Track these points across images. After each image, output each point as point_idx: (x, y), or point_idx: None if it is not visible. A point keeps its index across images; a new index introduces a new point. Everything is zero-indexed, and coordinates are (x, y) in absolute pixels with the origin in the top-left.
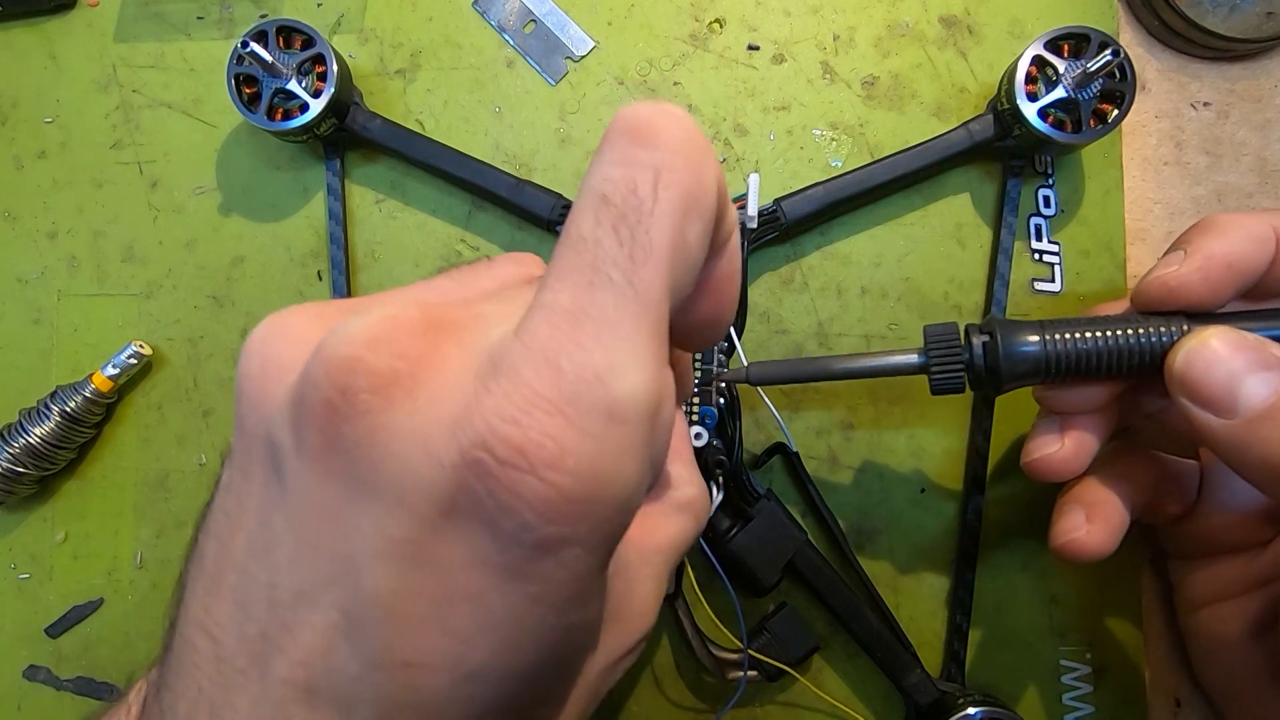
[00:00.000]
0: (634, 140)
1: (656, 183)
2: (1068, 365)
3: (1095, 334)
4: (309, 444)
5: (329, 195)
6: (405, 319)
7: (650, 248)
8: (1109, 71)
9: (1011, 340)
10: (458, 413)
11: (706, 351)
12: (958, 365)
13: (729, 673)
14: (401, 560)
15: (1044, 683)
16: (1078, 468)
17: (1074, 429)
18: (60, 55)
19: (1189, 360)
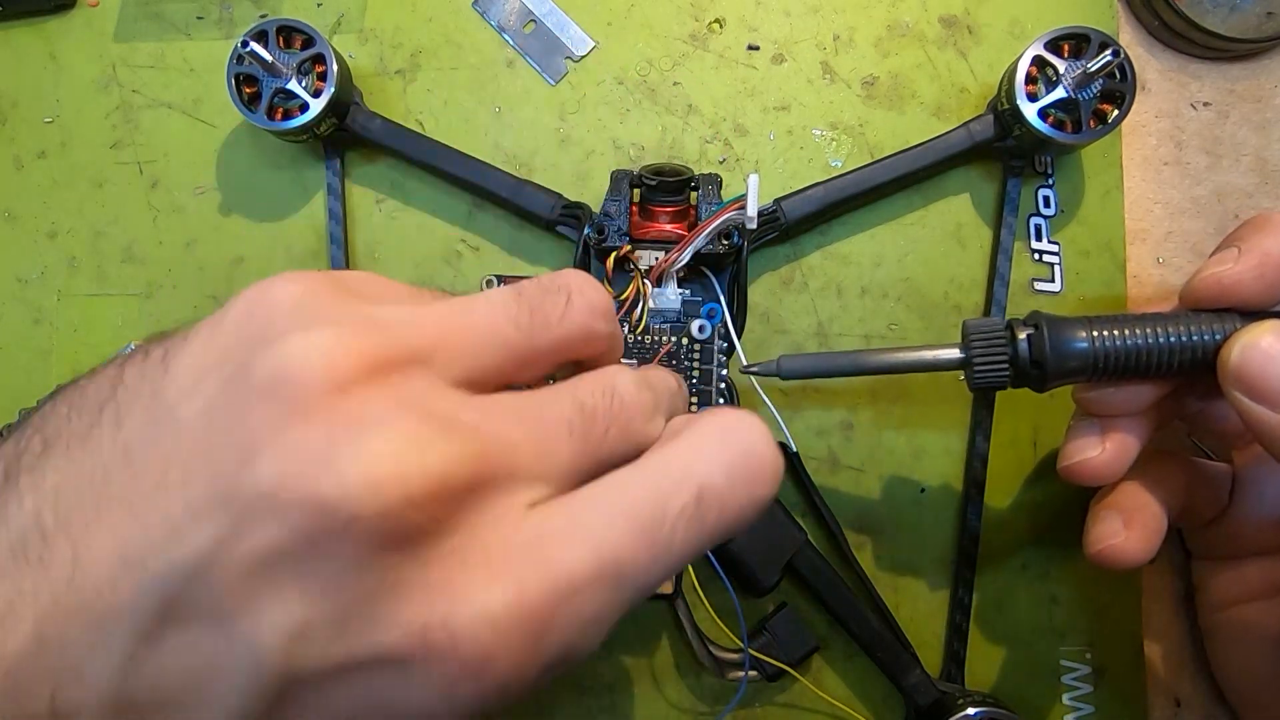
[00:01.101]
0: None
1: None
2: (1117, 363)
3: (1146, 330)
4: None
5: (329, 195)
6: (455, 471)
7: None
8: (1109, 72)
9: (1060, 335)
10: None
11: (706, 350)
12: (1001, 361)
13: (729, 673)
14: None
15: (1044, 683)
16: (1118, 471)
17: (1115, 432)
18: (60, 55)
19: (1246, 353)
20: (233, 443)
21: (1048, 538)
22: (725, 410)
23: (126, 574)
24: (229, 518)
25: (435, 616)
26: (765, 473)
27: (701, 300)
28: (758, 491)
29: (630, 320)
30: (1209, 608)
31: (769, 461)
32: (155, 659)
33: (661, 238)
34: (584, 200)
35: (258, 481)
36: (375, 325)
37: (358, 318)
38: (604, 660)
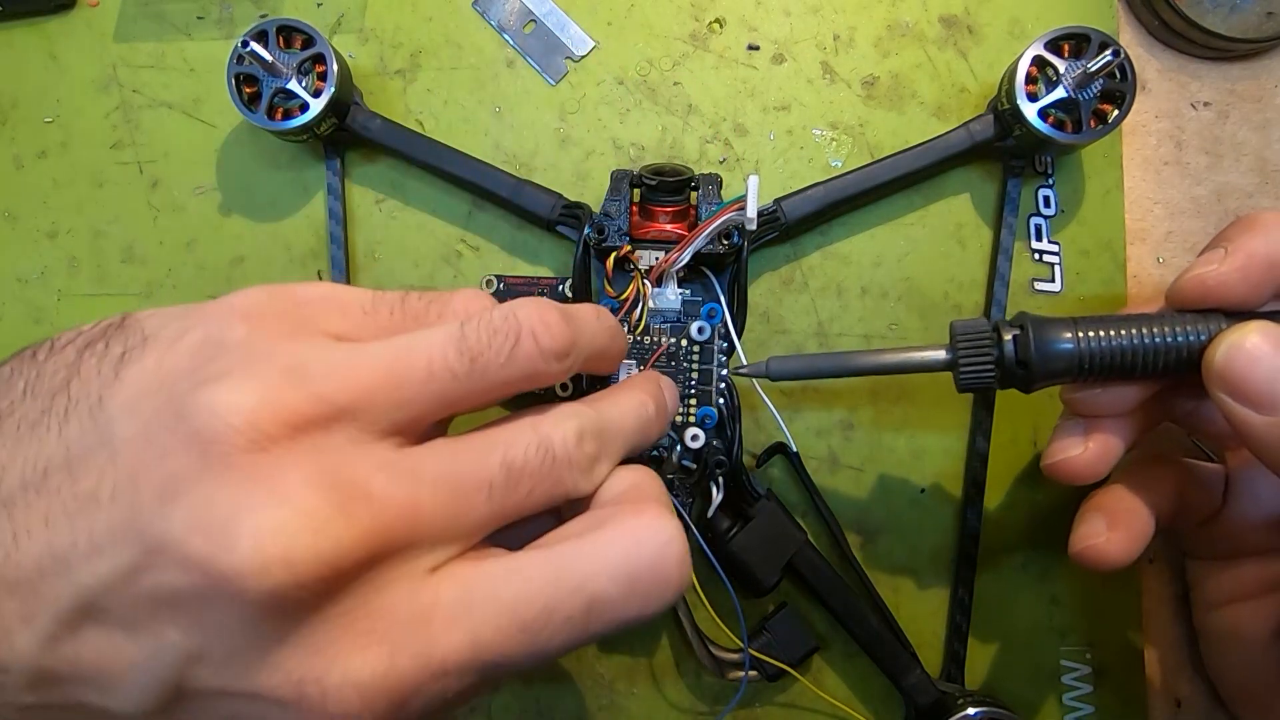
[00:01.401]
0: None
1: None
2: (1102, 363)
3: (1131, 331)
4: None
5: (329, 195)
6: (347, 552)
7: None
8: (1109, 72)
9: (1045, 336)
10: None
11: (706, 351)
12: (987, 362)
13: (729, 673)
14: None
15: (1044, 683)
16: (1101, 471)
17: (1099, 432)
18: (60, 55)
19: (1230, 355)
20: (156, 478)
21: (1048, 538)
22: (646, 510)
23: (54, 570)
24: (141, 551)
25: (311, 673)
26: (665, 591)
27: (701, 300)
28: (650, 607)
29: (630, 320)
30: (1203, 607)
31: (672, 579)
32: (73, 644)
33: (661, 238)
34: (584, 200)
35: (169, 528)
36: (307, 378)
37: (294, 366)
38: (604, 660)
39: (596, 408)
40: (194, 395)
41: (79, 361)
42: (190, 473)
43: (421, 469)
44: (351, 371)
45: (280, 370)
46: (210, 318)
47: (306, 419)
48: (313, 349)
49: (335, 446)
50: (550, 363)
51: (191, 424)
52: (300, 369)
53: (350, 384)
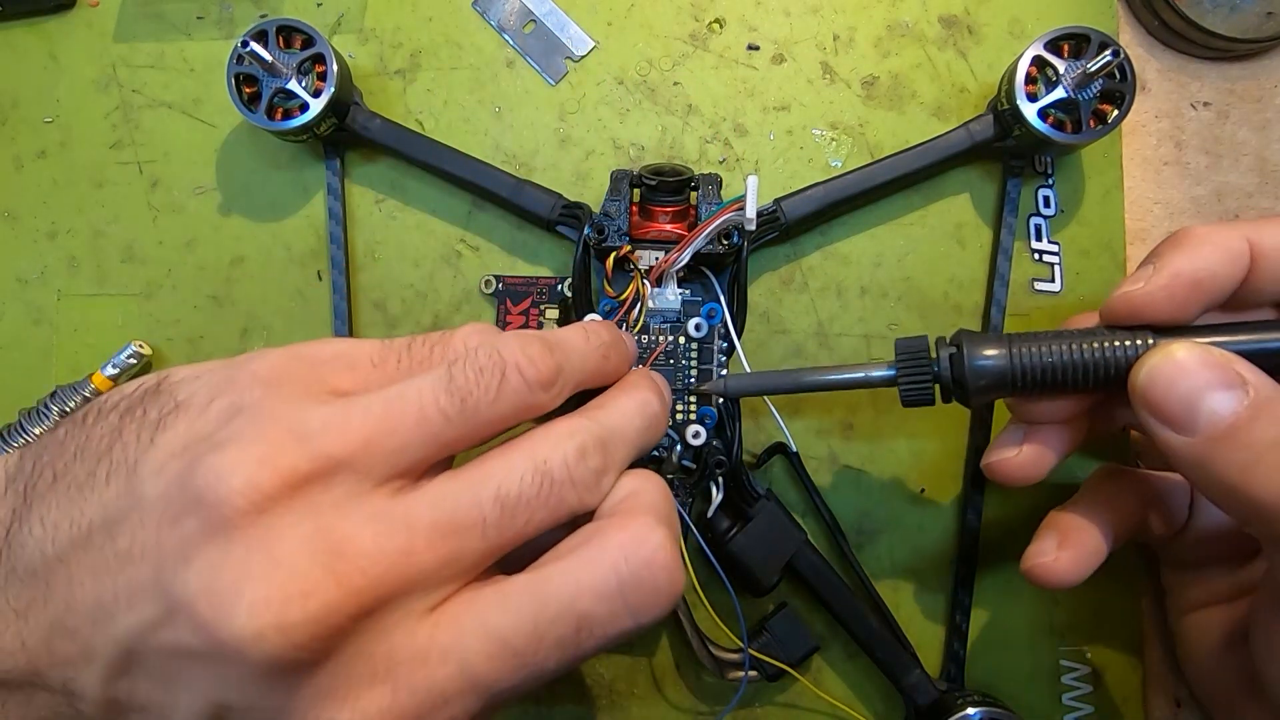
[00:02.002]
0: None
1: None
2: (1033, 378)
3: (1060, 347)
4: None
5: (329, 195)
6: (339, 610)
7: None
8: (1109, 72)
9: (976, 353)
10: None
11: (705, 350)
12: (926, 378)
13: (729, 673)
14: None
15: (1044, 683)
16: (1034, 475)
17: (1035, 438)
18: (60, 55)
19: (1151, 376)
20: (174, 539)
21: None
22: (632, 522)
23: (101, 618)
24: (164, 609)
25: (324, 714)
26: (657, 601)
27: (701, 300)
28: (643, 618)
29: (629, 320)
30: (1175, 611)
31: (662, 589)
32: (126, 683)
33: (661, 238)
34: (584, 200)
35: (185, 589)
36: (306, 436)
37: (295, 426)
38: (604, 660)
39: (596, 418)
40: (203, 460)
41: (120, 426)
42: (200, 535)
43: (415, 516)
44: (347, 425)
45: (282, 431)
46: (234, 383)
47: (304, 476)
48: (316, 407)
49: (332, 502)
50: (538, 393)
51: (199, 487)
52: (301, 428)
53: (346, 437)
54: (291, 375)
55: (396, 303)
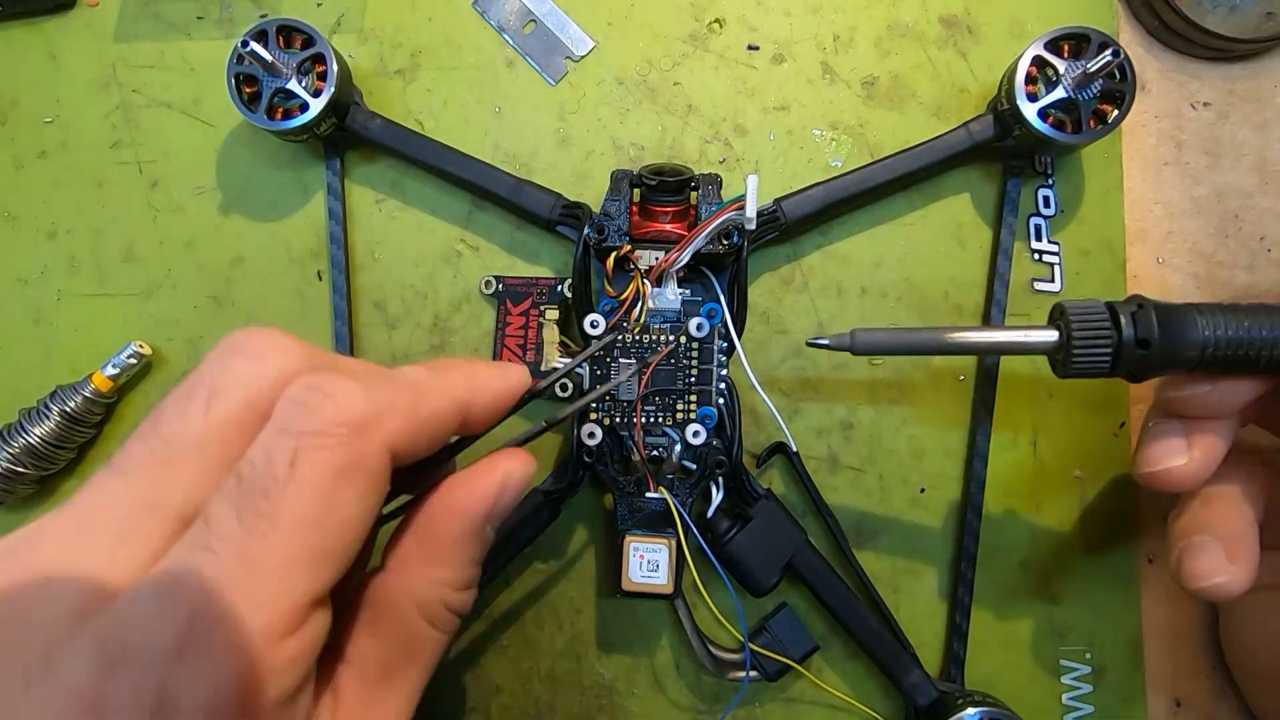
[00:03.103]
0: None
1: (296, 458)
2: (1228, 354)
3: (1259, 320)
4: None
5: (329, 195)
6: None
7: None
8: (1109, 72)
9: (1172, 321)
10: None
11: (705, 351)
12: (1105, 349)
13: (729, 673)
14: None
15: (1044, 683)
16: (1202, 480)
17: (1202, 435)
18: (60, 55)
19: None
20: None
21: (1048, 538)
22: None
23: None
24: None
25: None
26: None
27: (701, 300)
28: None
29: (630, 320)
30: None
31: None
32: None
33: (661, 238)
34: (584, 200)
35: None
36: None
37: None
38: (604, 660)
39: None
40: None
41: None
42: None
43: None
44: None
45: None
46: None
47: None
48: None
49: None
50: (253, 413)
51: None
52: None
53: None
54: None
55: (396, 303)
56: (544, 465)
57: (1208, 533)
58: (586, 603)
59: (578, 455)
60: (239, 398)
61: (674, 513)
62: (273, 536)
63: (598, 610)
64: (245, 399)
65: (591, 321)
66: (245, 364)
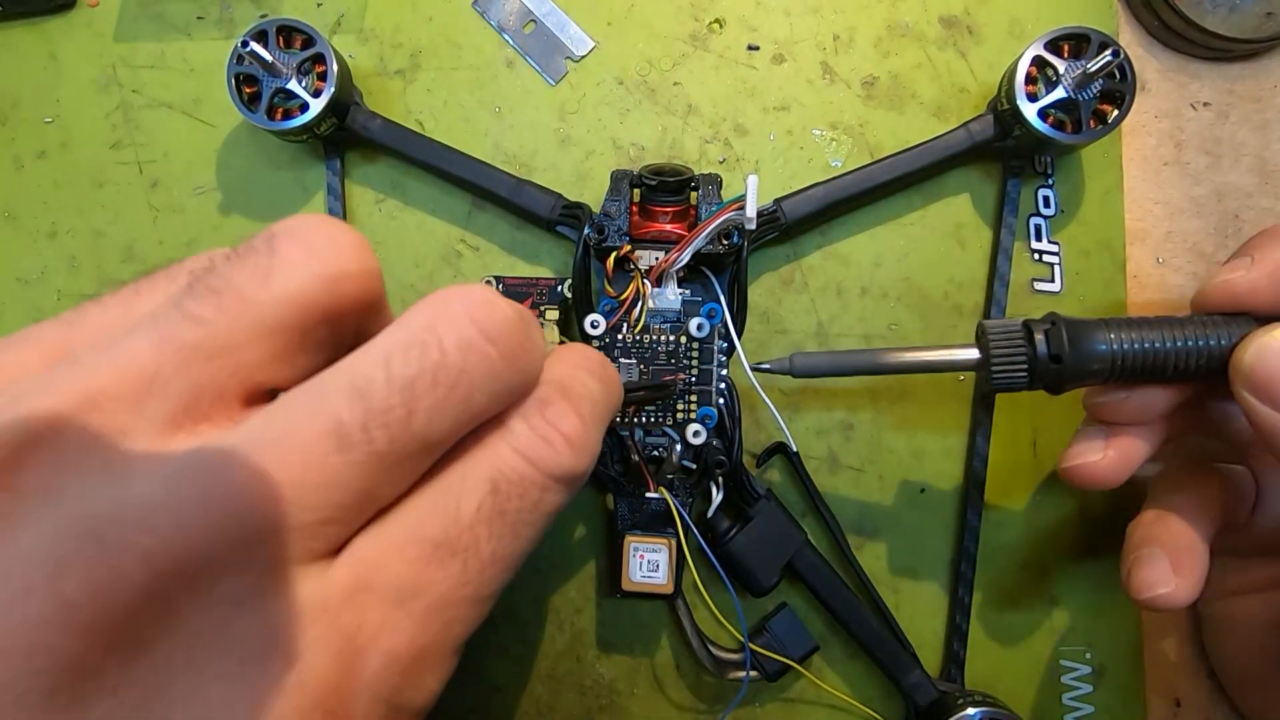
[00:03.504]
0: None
1: (541, 497)
2: (1135, 364)
3: (1162, 333)
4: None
5: (329, 195)
6: (112, 600)
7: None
8: (1109, 72)
9: (1081, 336)
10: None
11: (705, 350)
12: (1021, 362)
13: (729, 673)
14: None
15: (1044, 683)
16: (1119, 478)
17: (1120, 438)
18: (60, 55)
19: (1260, 355)
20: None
21: (1048, 538)
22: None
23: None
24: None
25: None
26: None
27: (701, 300)
28: (565, 462)
29: (629, 320)
30: (1209, 595)
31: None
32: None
33: (661, 238)
34: (584, 200)
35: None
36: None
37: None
38: (604, 659)
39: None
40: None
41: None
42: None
43: (241, 433)
44: (52, 384)
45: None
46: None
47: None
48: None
49: (74, 471)
50: (343, 274)
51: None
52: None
53: (56, 396)
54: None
55: (397, 303)
56: None
57: (1156, 545)
58: (586, 603)
59: None
60: (488, 391)
61: (674, 513)
62: (500, 566)
63: (598, 610)
64: (490, 410)
65: (592, 321)
66: (503, 366)
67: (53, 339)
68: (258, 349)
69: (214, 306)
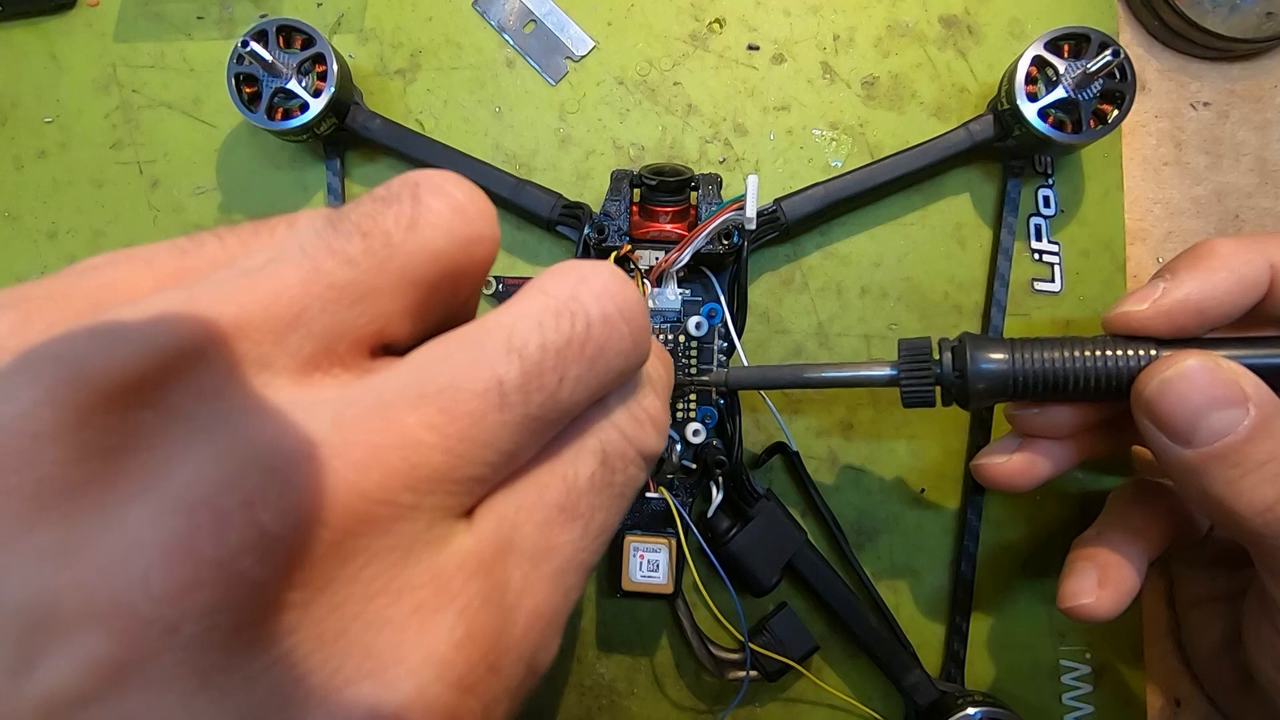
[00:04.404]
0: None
1: (635, 475)
2: (1034, 384)
3: (1062, 354)
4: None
5: (329, 195)
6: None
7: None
8: (1109, 72)
9: (978, 356)
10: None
11: (705, 350)
12: (927, 379)
13: (728, 672)
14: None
15: (1044, 683)
16: (1022, 484)
17: (1029, 450)
18: (60, 55)
19: (1162, 389)
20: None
21: (1048, 538)
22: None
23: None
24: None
25: (364, 675)
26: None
27: (701, 300)
28: (653, 430)
29: None
30: (1183, 604)
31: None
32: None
33: (661, 238)
34: (584, 200)
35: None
36: (115, 335)
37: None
38: (604, 659)
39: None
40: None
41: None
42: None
43: (378, 392)
44: (191, 300)
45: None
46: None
47: (127, 388)
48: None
49: (201, 402)
50: (477, 224)
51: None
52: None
53: (189, 322)
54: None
55: None
56: None
57: (1088, 560)
58: (586, 603)
59: None
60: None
61: (674, 513)
62: (605, 536)
63: (598, 610)
64: (611, 386)
65: None
66: (632, 348)
67: (167, 265)
68: (396, 299)
69: (363, 249)
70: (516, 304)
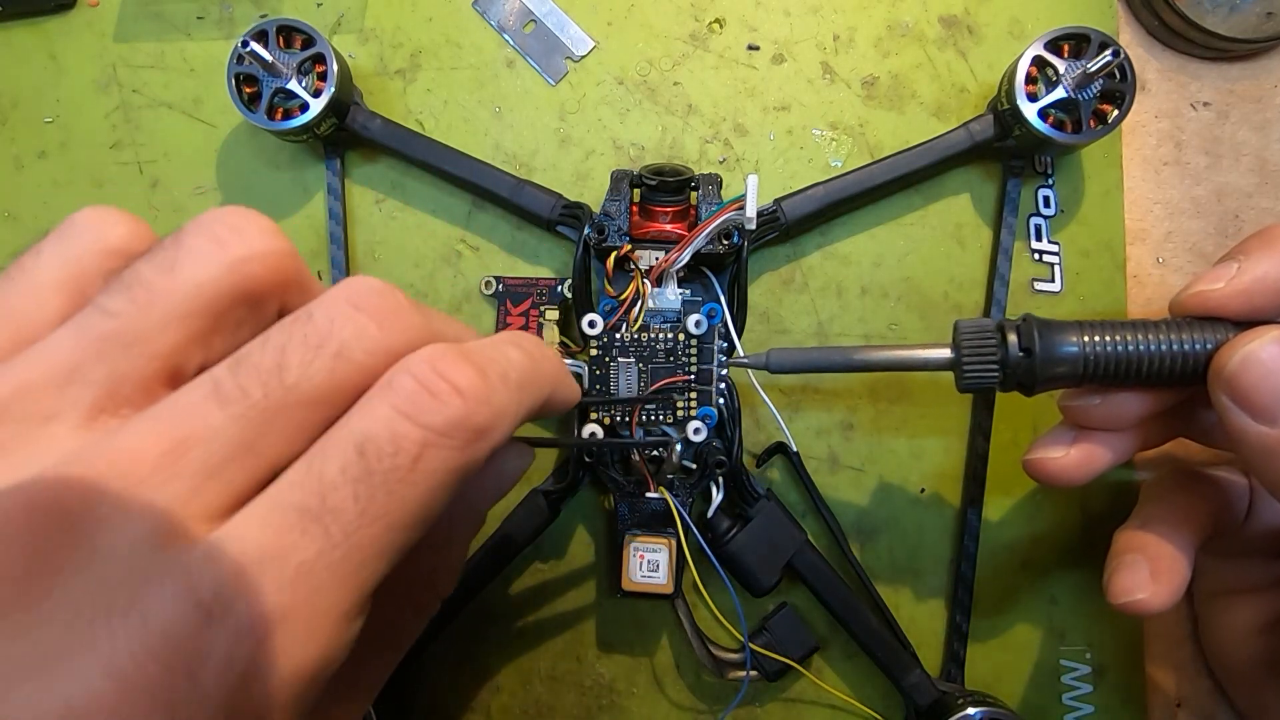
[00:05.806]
0: (425, 392)
1: (421, 453)
2: (1106, 367)
3: (1136, 336)
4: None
5: (329, 195)
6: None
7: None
8: (1109, 72)
9: (1050, 338)
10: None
11: (705, 350)
12: (992, 362)
13: (728, 672)
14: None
15: (1044, 683)
16: (1079, 479)
17: (1087, 441)
18: (60, 55)
19: (1246, 362)
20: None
21: (1048, 538)
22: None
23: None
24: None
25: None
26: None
27: (701, 300)
28: (448, 410)
29: (629, 319)
30: (1206, 594)
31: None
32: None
33: (661, 238)
34: (584, 200)
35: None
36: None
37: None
38: (604, 659)
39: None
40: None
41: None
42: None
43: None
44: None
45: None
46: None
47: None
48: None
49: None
50: (253, 262)
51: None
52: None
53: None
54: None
55: None
56: (544, 466)
57: (1138, 552)
58: (586, 603)
59: (578, 455)
60: (363, 363)
61: (674, 513)
62: (378, 528)
63: (598, 610)
64: (366, 367)
65: (590, 321)
66: (371, 325)
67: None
68: (171, 335)
69: (125, 300)
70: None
